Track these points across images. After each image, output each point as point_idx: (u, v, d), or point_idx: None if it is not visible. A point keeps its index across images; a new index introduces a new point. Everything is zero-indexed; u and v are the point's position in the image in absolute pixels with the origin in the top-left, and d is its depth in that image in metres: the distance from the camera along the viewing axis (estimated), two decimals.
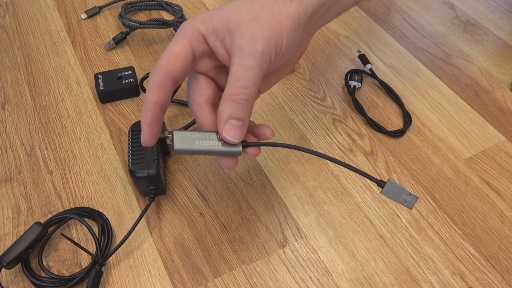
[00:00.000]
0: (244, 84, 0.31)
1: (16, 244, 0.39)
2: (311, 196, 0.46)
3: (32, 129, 0.51)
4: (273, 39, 0.31)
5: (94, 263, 0.40)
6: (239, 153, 0.33)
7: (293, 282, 0.40)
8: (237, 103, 0.31)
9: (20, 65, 0.58)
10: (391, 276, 0.41)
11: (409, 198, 0.33)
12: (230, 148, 0.33)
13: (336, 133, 0.51)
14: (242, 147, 0.33)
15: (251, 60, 0.31)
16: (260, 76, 0.32)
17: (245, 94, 0.31)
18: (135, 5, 0.64)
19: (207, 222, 0.44)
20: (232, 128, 0.31)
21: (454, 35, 0.62)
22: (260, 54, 0.31)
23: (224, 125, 0.31)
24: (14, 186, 0.46)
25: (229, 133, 0.31)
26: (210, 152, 0.33)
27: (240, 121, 0.32)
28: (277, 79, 0.39)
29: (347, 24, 0.64)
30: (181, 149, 0.32)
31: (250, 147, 0.33)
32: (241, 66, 0.31)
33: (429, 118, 0.52)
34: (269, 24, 0.31)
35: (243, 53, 0.31)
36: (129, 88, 0.53)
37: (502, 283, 0.40)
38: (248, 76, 0.31)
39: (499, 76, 0.57)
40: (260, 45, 0.31)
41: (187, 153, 0.32)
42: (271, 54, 0.31)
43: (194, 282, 0.40)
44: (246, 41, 0.31)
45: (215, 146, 0.32)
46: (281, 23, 0.32)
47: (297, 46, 0.35)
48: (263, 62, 0.31)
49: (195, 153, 0.33)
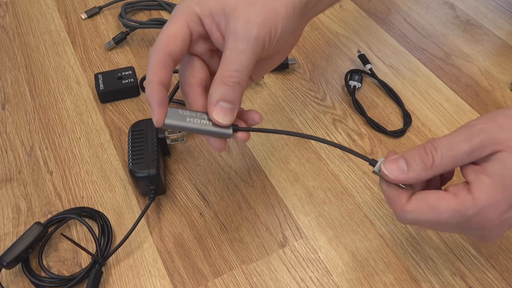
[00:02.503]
0: (236, 68, 0.31)
1: (16, 244, 0.39)
2: (311, 196, 0.46)
3: (32, 129, 0.51)
4: (268, 24, 0.31)
5: (94, 263, 0.40)
6: (229, 135, 0.33)
7: (293, 282, 0.40)
8: (228, 85, 0.31)
9: (20, 65, 0.58)
10: (391, 276, 0.41)
11: None
12: (221, 130, 0.33)
13: (336, 133, 0.51)
14: (232, 131, 0.33)
15: (244, 44, 0.31)
16: (253, 60, 0.32)
17: (236, 77, 0.31)
18: (135, 5, 0.64)
19: (207, 222, 0.44)
20: (222, 110, 0.31)
21: (454, 35, 0.62)
22: (254, 38, 0.31)
23: (214, 106, 0.31)
24: (14, 186, 0.46)
25: (218, 115, 0.31)
26: (200, 131, 0.33)
27: (230, 104, 0.32)
28: (269, 68, 0.39)
29: (347, 24, 0.64)
30: (172, 124, 0.32)
31: (239, 132, 0.33)
32: (235, 49, 0.31)
33: (429, 118, 0.52)
34: (265, 9, 0.31)
35: (237, 37, 0.31)
36: (129, 88, 0.53)
37: (502, 283, 0.40)
38: (241, 60, 0.31)
39: (499, 76, 0.57)
40: (255, 30, 0.31)
41: (177, 128, 0.32)
42: (265, 40, 0.32)
43: (194, 282, 0.40)
44: (241, 25, 0.31)
45: (205, 125, 0.32)
46: (276, 9, 0.32)
47: (291, 33, 0.35)
48: (256, 47, 0.31)
49: (184, 130, 0.32)
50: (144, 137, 0.45)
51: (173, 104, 0.53)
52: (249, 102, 0.54)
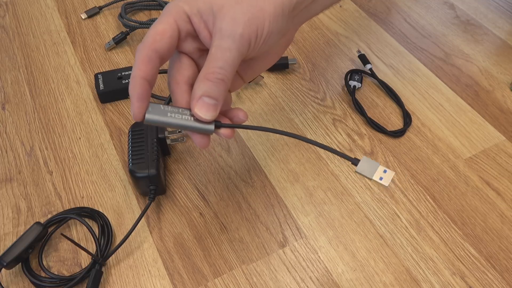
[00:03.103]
0: (221, 65, 0.31)
1: (16, 244, 0.39)
2: (311, 196, 0.46)
3: (32, 129, 0.51)
4: (254, 23, 0.31)
5: (94, 263, 0.40)
6: (211, 131, 0.33)
7: (293, 282, 0.40)
8: (212, 81, 0.31)
9: (20, 65, 0.58)
10: (391, 276, 0.41)
11: (384, 174, 0.33)
12: (202, 125, 0.33)
13: (336, 133, 0.51)
14: (214, 127, 0.33)
15: (229, 42, 0.31)
16: (237, 58, 0.32)
17: (221, 74, 0.31)
18: (135, 5, 0.64)
19: (207, 222, 0.44)
20: (204, 105, 0.31)
21: (454, 35, 0.62)
22: (239, 37, 0.31)
23: (197, 101, 0.31)
24: (14, 186, 0.46)
25: (201, 110, 0.32)
26: (181, 126, 0.32)
27: (213, 100, 0.32)
28: (261, 68, 0.39)
29: (347, 24, 0.64)
30: (152, 119, 0.32)
31: (222, 128, 0.33)
32: (220, 47, 0.31)
33: (429, 118, 0.52)
34: (251, 8, 0.31)
35: (223, 35, 0.31)
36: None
37: (502, 283, 0.40)
38: (225, 58, 0.31)
39: (499, 76, 0.57)
40: (240, 28, 0.31)
41: (158, 124, 0.32)
42: (250, 38, 0.32)
43: (194, 282, 0.40)
44: (227, 23, 0.31)
45: (187, 121, 0.32)
46: (264, 8, 0.32)
47: (281, 34, 0.35)
48: (241, 46, 0.31)
49: (165, 125, 0.32)
50: (144, 137, 0.45)
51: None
52: (249, 102, 0.54)
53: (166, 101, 0.48)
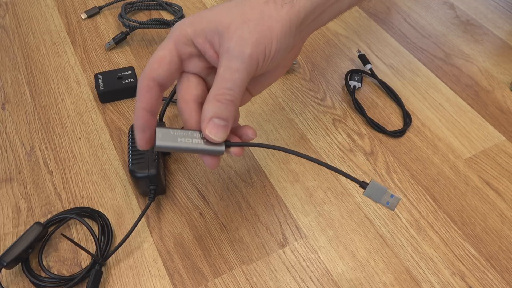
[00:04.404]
0: (230, 86, 0.31)
1: (16, 244, 0.39)
2: (311, 196, 0.46)
3: (32, 129, 0.51)
4: (262, 43, 0.31)
5: (94, 263, 0.40)
6: (222, 153, 0.33)
7: (293, 282, 0.40)
8: (222, 103, 0.31)
9: (20, 65, 0.58)
10: (391, 276, 0.41)
11: (390, 199, 0.33)
12: (212, 147, 0.33)
13: (336, 133, 0.51)
14: (224, 147, 0.33)
15: (238, 63, 0.31)
16: (246, 79, 0.32)
17: (230, 95, 0.31)
18: (135, 5, 0.64)
19: (207, 222, 0.44)
20: (215, 126, 0.32)
21: (454, 35, 0.62)
22: (247, 57, 0.31)
23: (207, 123, 0.32)
24: (14, 186, 0.46)
25: (211, 131, 0.32)
26: (192, 150, 0.33)
27: (223, 121, 0.32)
28: (269, 82, 0.39)
29: (347, 24, 0.64)
30: (163, 145, 0.32)
31: (232, 147, 0.33)
32: (228, 68, 0.31)
33: (429, 118, 0.52)
34: (258, 27, 0.31)
35: (231, 55, 0.31)
36: (129, 88, 0.53)
37: (502, 283, 0.40)
38: (234, 79, 0.31)
39: (499, 76, 0.57)
40: (248, 49, 0.31)
41: (169, 149, 0.33)
42: (259, 58, 0.32)
43: (194, 282, 0.40)
44: (235, 43, 0.31)
45: (197, 144, 0.33)
46: (271, 27, 0.32)
47: (288, 50, 0.35)
48: (250, 66, 0.31)
49: (176, 150, 0.33)
50: None
51: (173, 104, 0.53)
52: (249, 102, 0.54)
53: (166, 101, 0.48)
